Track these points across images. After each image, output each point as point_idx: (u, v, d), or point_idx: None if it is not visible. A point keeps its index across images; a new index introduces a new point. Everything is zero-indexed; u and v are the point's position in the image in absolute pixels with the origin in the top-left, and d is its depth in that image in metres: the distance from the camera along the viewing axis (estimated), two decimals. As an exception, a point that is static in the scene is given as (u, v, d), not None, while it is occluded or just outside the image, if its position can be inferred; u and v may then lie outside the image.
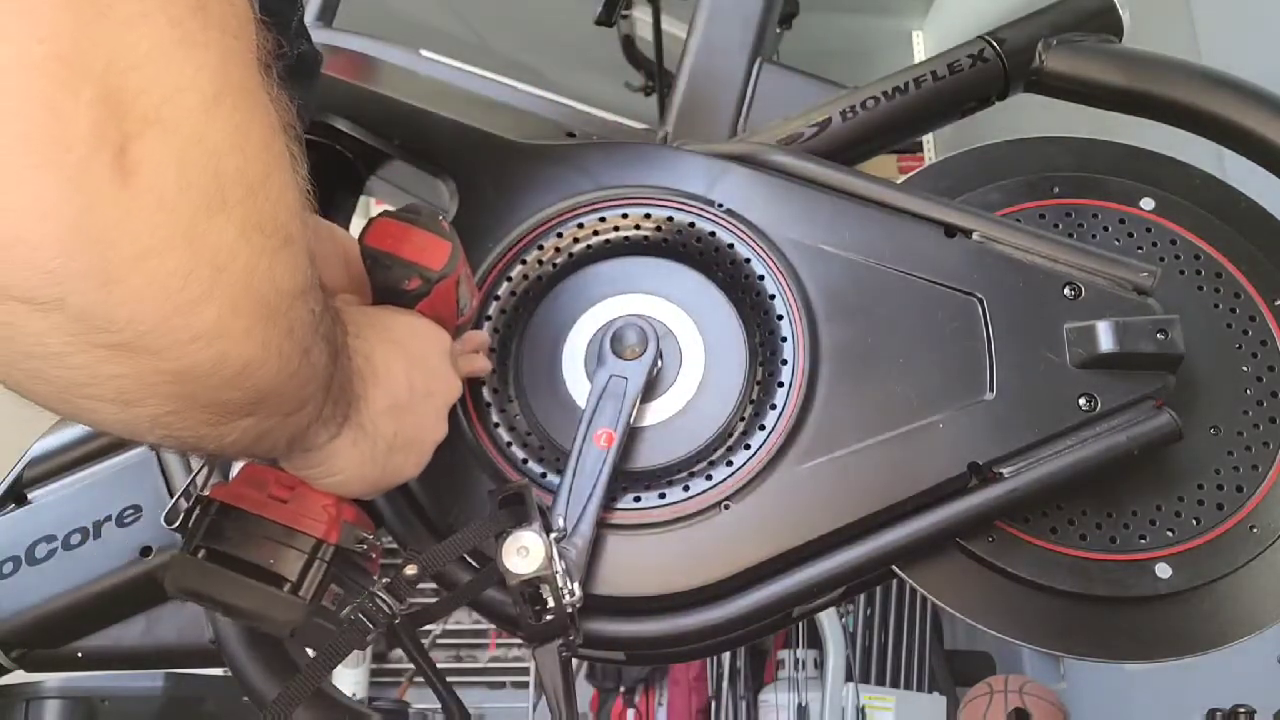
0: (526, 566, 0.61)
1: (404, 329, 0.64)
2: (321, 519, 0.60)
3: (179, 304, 0.37)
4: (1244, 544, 0.72)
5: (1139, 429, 0.70)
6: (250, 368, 0.42)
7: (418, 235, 0.65)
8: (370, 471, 0.60)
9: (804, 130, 0.83)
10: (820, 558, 0.70)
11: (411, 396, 0.62)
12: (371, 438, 0.59)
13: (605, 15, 3.06)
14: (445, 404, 0.66)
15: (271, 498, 0.60)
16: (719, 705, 3.32)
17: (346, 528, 0.61)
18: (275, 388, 0.44)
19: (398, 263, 0.64)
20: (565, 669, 0.65)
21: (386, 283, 0.64)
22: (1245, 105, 0.78)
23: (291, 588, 0.58)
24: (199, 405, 0.42)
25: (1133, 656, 0.73)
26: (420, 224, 0.65)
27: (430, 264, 0.64)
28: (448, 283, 0.65)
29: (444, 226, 0.65)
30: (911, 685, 3.28)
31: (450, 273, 0.65)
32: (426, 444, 0.65)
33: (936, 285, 0.75)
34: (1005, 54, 0.83)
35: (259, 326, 0.41)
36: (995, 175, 0.83)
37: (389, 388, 0.60)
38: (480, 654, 4.15)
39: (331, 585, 0.61)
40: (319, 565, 0.59)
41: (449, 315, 0.68)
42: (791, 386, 0.73)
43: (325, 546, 0.60)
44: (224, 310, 0.39)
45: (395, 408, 0.61)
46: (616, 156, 0.81)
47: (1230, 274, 0.78)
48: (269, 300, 0.41)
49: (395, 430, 0.61)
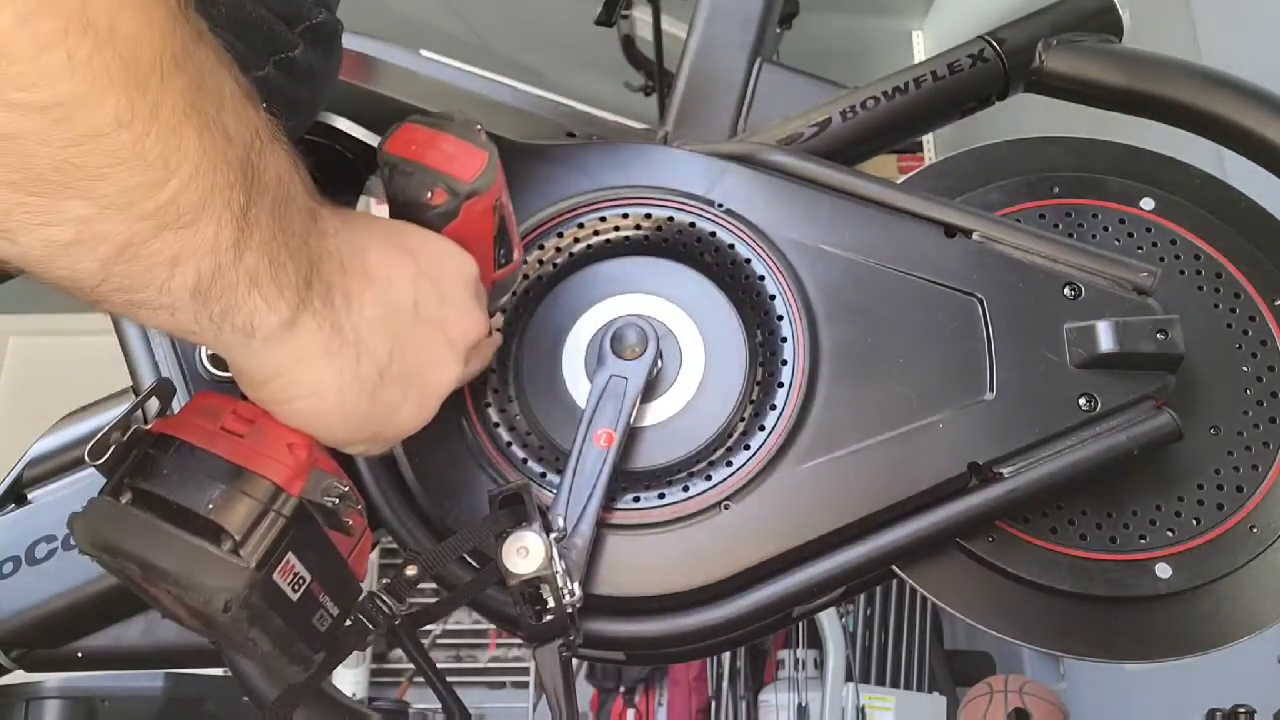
0: (527, 566, 0.61)
1: (418, 239, 0.54)
2: (285, 461, 0.48)
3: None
4: (1244, 544, 0.72)
5: (1139, 429, 0.70)
6: (73, 105, 0.35)
7: (447, 142, 0.55)
8: (355, 401, 0.50)
9: (804, 130, 0.83)
10: (820, 558, 0.70)
11: (416, 316, 0.52)
12: (355, 350, 0.49)
13: (605, 15, 3.06)
14: (461, 342, 0.55)
15: (224, 430, 0.48)
16: (719, 705, 3.32)
17: (316, 476, 0.49)
18: (124, 150, 0.36)
19: (420, 169, 0.54)
20: (565, 669, 0.64)
21: (406, 195, 0.54)
22: (1245, 105, 0.78)
23: (233, 545, 0.46)
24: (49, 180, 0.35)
25: (1133, 656, 0.73)
26: (452, 130, 0.55)
27: (460, 174, 0.54)
28: (481, 203, 0.55)
29: (480, 135, 0.56)
30: (911, 685, 3.28)
31: (483, 189, 0.55)
32: (431, 386, 0.54)
33: (936, 285, 0.75)
34: (1005, 54, 0.83)
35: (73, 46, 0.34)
36: (995, 175, 0.83)
37: (385, 293, 0.50)
38: (480, 654, 4.15)
39: (289, 557, 0.48)
40: (272, 520, 0.47)
41: (483, 251, 0.57)
42: (791, 387, 0.73)
43: (284, 497, 0.48)
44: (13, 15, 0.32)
45: (392, 320, 0.51)
46: (616, 156, 0.81)
47: (1230, 274, 0.78)
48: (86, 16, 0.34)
49: (389, 350, 0.50)
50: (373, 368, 0.50)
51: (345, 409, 0.50)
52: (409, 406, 0.53)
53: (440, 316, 0.54)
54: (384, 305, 0.51)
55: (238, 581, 0.46)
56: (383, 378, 0.51)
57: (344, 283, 0.49)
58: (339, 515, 0.51)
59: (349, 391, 0.49)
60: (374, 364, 0.50)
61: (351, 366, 0.49)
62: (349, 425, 0.51)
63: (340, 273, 0.49)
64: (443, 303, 0.54)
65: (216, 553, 0.46)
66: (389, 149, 0.54)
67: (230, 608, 0.46)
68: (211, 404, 0.49)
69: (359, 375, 0.49)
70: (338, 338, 0.48)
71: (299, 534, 0.48)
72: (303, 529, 0.49)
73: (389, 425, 0.53)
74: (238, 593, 0.46)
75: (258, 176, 0.43)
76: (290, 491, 0.48)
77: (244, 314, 0.44)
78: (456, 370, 0.55)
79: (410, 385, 0.53)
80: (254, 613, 0.47)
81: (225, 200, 0.41)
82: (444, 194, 0.54)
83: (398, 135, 0.55)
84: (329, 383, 0.49)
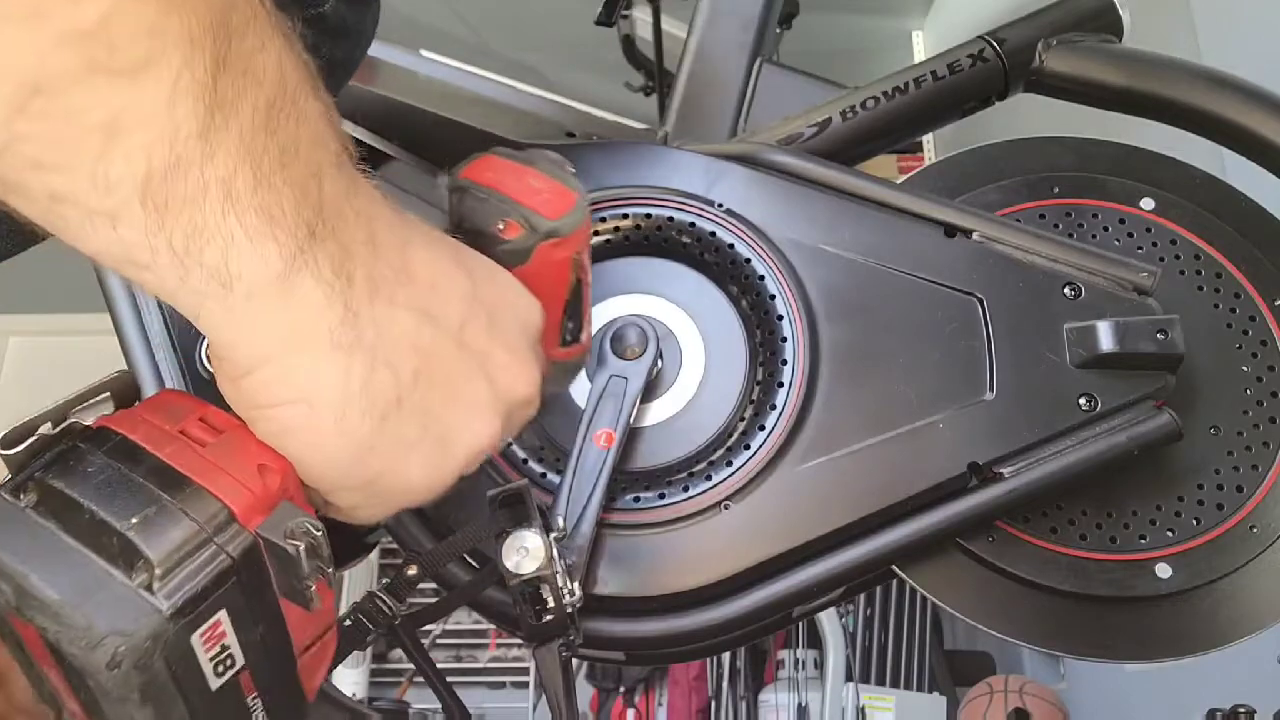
0: (527, 566, 0.61)
1: (479, 262, 0.45)
2: (250, 484, 0.37)
3: None
4: (1244, 544, 0.72)
5: (1139, 429, 0.70)
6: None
7: (533, 176, 0.48)
8: (357, 422, 0.38)
9: (804, 130, 0.83)
10: (820, 558, 0.70)
11: (460, 342, 0.42)
12: (371, 354, 0.38)
13: (605, 15, 3.06)
14: (507, 394, 0.44)
15: (182, 434, 0.38)
16: (719, 705, 3.32)
17: (285, 511, 0.38)
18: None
19: (494, 196, 0.46)
20: (565, 668, 0.64)
21: (472, 222, 0.46)
22: (1245, 105, 0.78)
23: (148, 578, 0.34)
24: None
25: (1133, 656, 0.73)
26: (540, 165, 0.48)
27: (541, 209, 0.46)
28: (559, 250, 0.47)
29: (571, 176, 0.49)
30: (911, 685, 3.28)
31: (565, 232, 0.47)
32: (457, 437, 0.43)
33: (936, 285, 0.75)
34: (1005, 54, 0.83)
35: None
36: (995, 175, 0.83)
37: (426, 297, 0.41)
38: (480, 654, 4.15)
39: (220, 617, 0.35)
40: (212, 555, 0.35)
41: (550, 313, 0.49)
42: (791, 387, 0.73)
43: (234, 529, 0.36)
44: None
45: (428, 334, 0.41)
46: (616, 156, 0.81)
47: (1230, 274, 0.78)
48: None
49: (415, 370, 0.40)
50: (391, 384, 0.39)
51: (343, 430, 0.39)
52: (423, 455, 0.42)
53: (488, 353, 0.43)
54: (420, 311, 0.40)
55: (141, 626, 0.33)
56: (400, 403, 0.40)
57: (371, 263, 0.39)
58: (301, 572, 0.37)
59: (353, 407, 0.38)
60: (393, 380, 0.39)
61: (363, 372, 0.38)
62: (342, 456, 0.39)
63: (368, 248, 0.39)
64: (494, 339, 0.44)
65: (122, 581, 0.33)
66: (463, 174, 0.48)
67: (121, 662, 0.32)
68: (176, 402, 0.39)
69: (370, 388, 0.39)
70: (351, 328, 0.38)
71: (242, 589, 0.36)
72: (249, 583, 0.36)
73: (392, 474, 0.41)
74: (137, 643, 0.33)
75: (241, 47, 0.34)
76: (245, 524, 0.36)
77: (217, 247, 0.34)
78: (493, 428, 0.44)
79: (431, 426, 0.41)
80: (150, 682, 0.33)
81: (184, 56, 0.32)
82: (519, 228, 0.46)
83: (477, 162, 0.48)
84: (329, 386, 0.38)
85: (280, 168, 0.36)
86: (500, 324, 0.44)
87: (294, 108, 0.37)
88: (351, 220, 0.39)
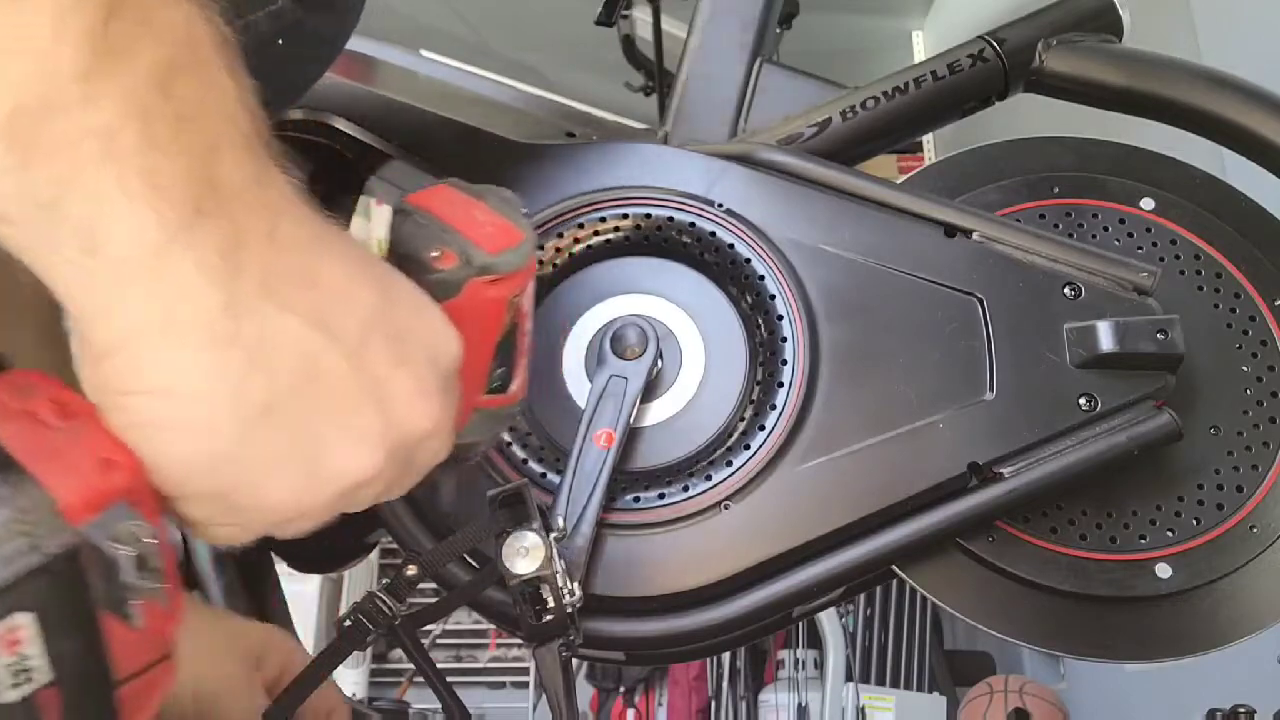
0: (527, 566, 0.61)
1: (401, 287, 0.42)
2: (88, 477, 0.33)
3: None
4: (1244, 544, 0.72)
5: (1139, 429, 0.70)
6: None
7: (481, 210, 0.46)
8: (220, 427, 0.35)
9: (804, 130, 0.83)
10: (820, 558, 0.70)
11: (354, 362, 0.38)
12: (248, 356, 0.35)
13: (605, 15, 3.06)
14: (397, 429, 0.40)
15: (26, 412, 0.34)
16: (719, 705, 3.32)
17: (118, 512, 0.34)
18: None
19: (435, 223, 0.44)
20: (565, 668, 0.64)
21: (407, 246, 0.44)
22: (1245, 105, 0.78)
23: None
24: None
25: (1133, 656, 0.73)
26: (490, 199, 0.47)
27: (481, 242, 0.44)
28: (495, 289, 0.45)
29: (521, 216, 0.48)
30: (911, 685, 3.28)
31: (502, 271, 0.45)
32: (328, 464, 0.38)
33: (936, 285, 0.75)
34: (1005, 54, 0.83)
35: None
36: (995, 175, 0.83)
37: (324, 307, 0.38)
38: (480, 654, 4.15)
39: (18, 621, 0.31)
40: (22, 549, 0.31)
41: (476, 356, 0.46)
42: (791, 387, 0.73)
43: (57, 523, 0.32)
44: None
45: (317, 346, 0.37)
46: (616, 156, 0.81)
47: (1230, 274, 0.78)
48: None
49: (293, 383, 0.36)
50: (264, 390, 0.36)
51: (203, 431, 0.35)
52: (288, 476, 0.37)
53: (386, 380, 0.39)
54: (315, 320, 0.37)
55: None
56: (270, 413, 0.36)
57: (268, 258, 0.36)
58: (121, 583, 0.33)
59: (218, 408, 0.35)
60: (268, 386, 0.36)
61: (236, 372, 0.35)
62: (197, 461, 0.36)
63: (267, 242, 0.36)
64: (397, 366, 0.40)
65: None
66: (411, 199, 0.46)
67: None
68: (29, 380, 0.35)
69: (241, 391, 0.35)
70: (231, 321, 0.35)
71: (56, 592, 0.31)
72: (64, 588, 0.32)
73: (251, 490, 0.37)
74: None
75: None
76: (71, 520, 0.32)
77: (87, 205, 0.32)
78: (374, 460, 0.39)
79: (302, 445, 0.37)
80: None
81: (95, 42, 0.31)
82: (453, 258, 0.43)
83: (429, 190, 0.46)
84: (195, 381, 0.34)
85: (174, 133, 0.33)
86: (408, 352, 0.41)
87: (199, 74, 0.35)
88: (252, 209, 0.36)
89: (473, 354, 0.45)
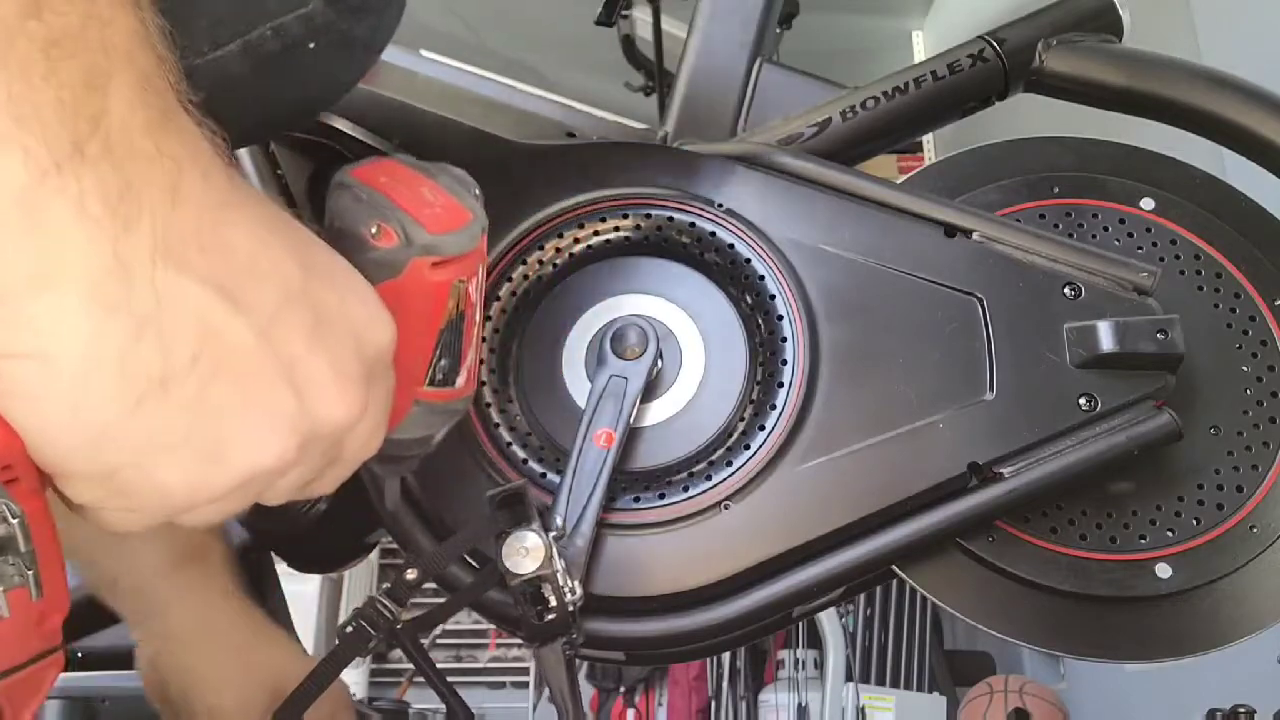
0: (527, 566, 0.61)
1: (327, 259, 0.38)
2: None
3: None
4: (1244, 544, 0.72)
5: (1139, 429, 0.70)
6: None
7: (429, 188, 0.43)
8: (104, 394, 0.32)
9: (804, 130, 0.83)
10: (820, 558, 0.70)
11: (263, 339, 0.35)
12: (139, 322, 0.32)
13: (605, 15, 3.06)
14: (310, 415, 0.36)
15: None
16: (719, 705, 3.32)
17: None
18: None
19: (374, 197, 0.42)
20: (569, 667, 0.64)
21: (343, 221, 0.41)
22: (1245, 105, 0.78)
23: None
24: None
25: (1133, 656, 0.73)
26: (441, 179, 0.45)
27: (423, 220, 0.41)
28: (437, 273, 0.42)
29: (473, 197, 0.45)
30: (911, 685, 3.28)
31: (446, 253, 0.42)
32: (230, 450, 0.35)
33: (936, 285, 0.75)
34: (1005, 54, 0.83)
35: None
36: (995, 175, 0.83)
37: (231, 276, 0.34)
38: (480, 654, 4.16)
39: None
40: None
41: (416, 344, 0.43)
42: (791, 387, 0.73)
43: None
44: None
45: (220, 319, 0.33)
46: (616, 156, 0.81)
47: (1230, 274, 0.78)
48: None
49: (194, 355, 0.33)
50: (157, 363, 0.32)
51: (82, 404, 0.31)
52: (184, 460, 0.34)
53: (301, 361, 0.36)
54: (220, 289, 0.33)
55: None
56: (166, 389, 0.32)
57: (165, 215, 0.32)
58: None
59: (101, 380, 0.31)
60: (161, 359, 0.32)
61: (123, 340, 0.31)
62: (74, 437, 0.32)
63: (166, 197, 0.32)
64: (315, 347, 0.36)
65: None
66: (354, 172, 0.43)
67: None
68: None
69: (129, 362, 0.31)
70: (121, 285, 0.31)
71: None
72: None
73: (139, 474, 0.34)
74: None
75: None
76: None
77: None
78: (284, 447, 0.36)
79: (202, 428, 0.34)
80: None
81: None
82: (393, 236, 0.40)
83: (374, 163, 0.44)
84: (74, 345, 0.31)
85: (44, 61, 0.30)
86: (328, 332, 0.37)
87: (82, 3, 0.31)
88: (150, 158, 0.32)
89: (411, 341, 0.42)
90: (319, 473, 0.40)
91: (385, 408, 0.41)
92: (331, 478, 0.41)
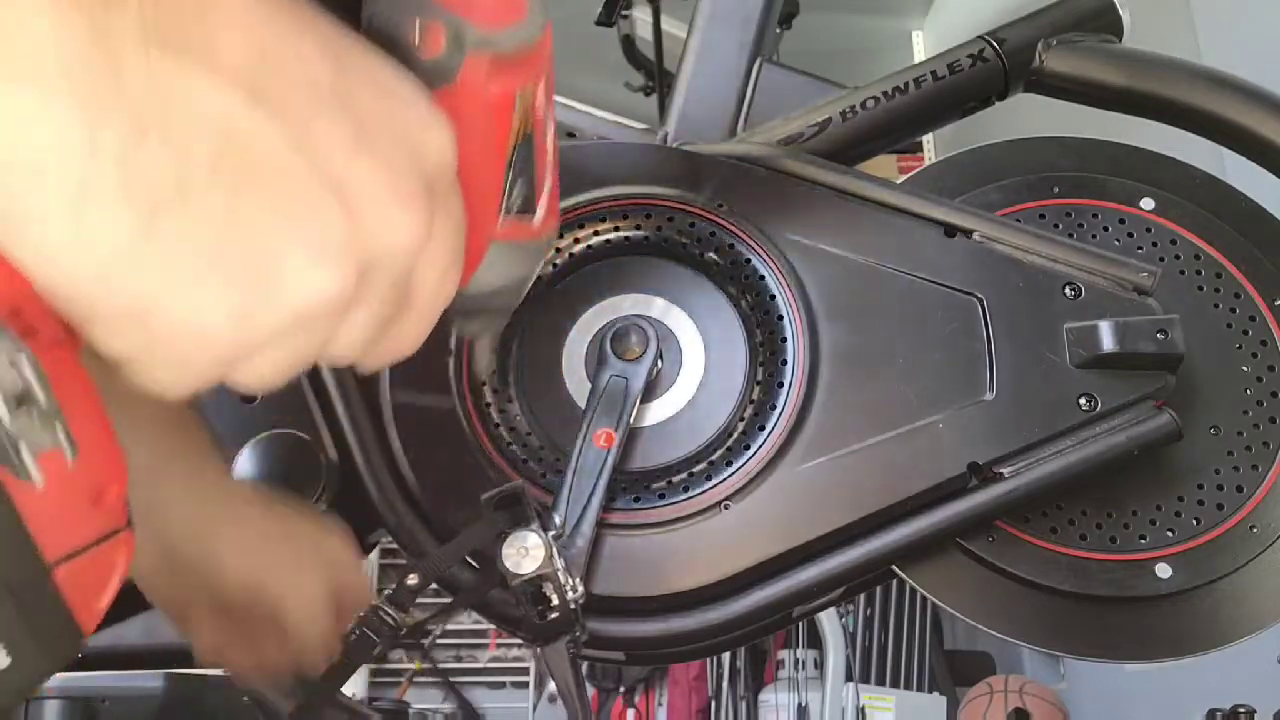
0: (528, 566, 0.61)
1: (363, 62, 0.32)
2: None
3: None
4: (1244, 544, 0.72)
5: (1139, 429, 0.70)
6: None
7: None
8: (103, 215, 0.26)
9: (804, 130, 0.83)
10: (820, 558, 0.70)
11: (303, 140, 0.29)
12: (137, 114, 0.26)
13: (605, 15, 3.06)
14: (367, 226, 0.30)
15: None
16: (719, 705, 3.32)
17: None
18: None
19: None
20: (574, 666, 0.64)
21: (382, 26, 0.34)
22: (1245, 105, 0.78)
23: None
24: None
25: (1133, 656, 0.73)
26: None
27: (474, 17, 0.34)
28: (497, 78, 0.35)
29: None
30: (911, 685, 3.29)
31: (505, 49, 0.35)
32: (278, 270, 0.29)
33: (936, 285, 0.75)
34: (1005, 54, 0.83)
35: None
36: (995, 175, 0.83)
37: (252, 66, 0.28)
38: (480, 654, 4.15)
39: None
40: None
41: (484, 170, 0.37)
42: (791, 387, 0.73)
43: None
44: None
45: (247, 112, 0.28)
46: (617, 157, 0.81)
47: (1230, 274, 0.78)
48: None
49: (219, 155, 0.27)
50: (169, 166, 0.27)
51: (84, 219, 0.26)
52: (221, 294, 0.28)
53: (344, 171, 0.30)
54: (239, 84, 0.28)
55: None
56: (186, 196, 0.27)
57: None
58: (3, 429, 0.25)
59: (101, 185, 0.26)
60: (174, 162, 0.27)
61: (119, 138, 0.26)
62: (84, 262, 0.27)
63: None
64: (360, 155, 0.30)
65: None
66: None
67: None
68: None
69: (132, 163, 0.26)
70: (105, 71, 0.25)
71: None
72: None
73: (171, 307, 0.28)
74: None
75: None
76: None
77: None
78: (340, 278, 0.30)
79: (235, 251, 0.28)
80: None
81: None
82: (440, 38, 0.34)
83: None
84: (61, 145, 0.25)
85: None
86: (375, 139, 0.30)
87: None
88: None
89: (478, 161, 0.36)
90: (390, 318, 0.33)
91: (457, 238, 0.35)
92: (410, 328, 0.35)
